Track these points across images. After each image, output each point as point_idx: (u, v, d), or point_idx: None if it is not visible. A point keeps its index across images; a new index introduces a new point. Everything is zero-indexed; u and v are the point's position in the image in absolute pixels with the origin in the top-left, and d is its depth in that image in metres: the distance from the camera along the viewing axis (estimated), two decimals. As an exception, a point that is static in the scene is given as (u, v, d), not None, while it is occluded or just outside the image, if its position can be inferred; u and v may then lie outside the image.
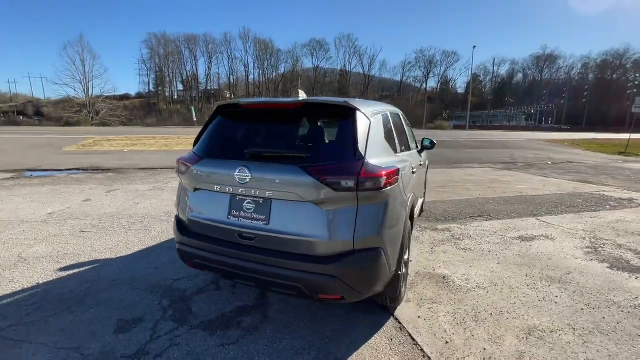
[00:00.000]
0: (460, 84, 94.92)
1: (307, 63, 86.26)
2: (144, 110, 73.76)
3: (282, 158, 2.01)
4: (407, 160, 2.80)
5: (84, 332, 2.19)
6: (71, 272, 3.05)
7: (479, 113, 76.93)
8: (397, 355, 2.07)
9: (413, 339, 2.22)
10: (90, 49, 47.29)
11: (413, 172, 3.04)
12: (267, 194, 1.97)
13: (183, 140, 18.98)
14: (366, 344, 2.17)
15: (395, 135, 2.75)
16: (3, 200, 5.55)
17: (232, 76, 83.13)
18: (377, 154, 2.11)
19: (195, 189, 2.25)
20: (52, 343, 2.08)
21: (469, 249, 3.85)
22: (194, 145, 2.43)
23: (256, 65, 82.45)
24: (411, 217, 2.80)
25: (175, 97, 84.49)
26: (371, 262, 1.93)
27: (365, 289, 1.99)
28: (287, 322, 2.38)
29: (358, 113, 2.10)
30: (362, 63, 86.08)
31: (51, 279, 2.92)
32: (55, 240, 3.78)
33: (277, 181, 1.93)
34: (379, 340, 2.21)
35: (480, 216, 5.20)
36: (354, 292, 1.94)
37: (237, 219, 2.07)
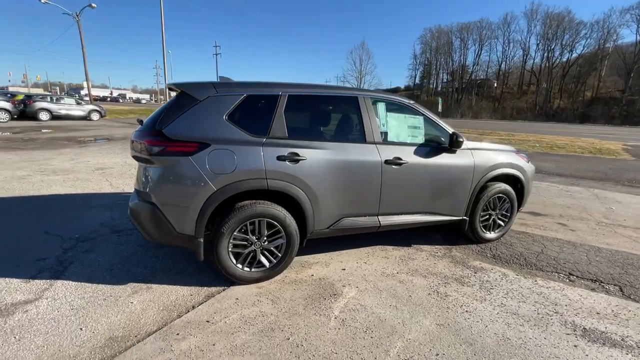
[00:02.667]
0: None
1: (628, 36, 60.47)
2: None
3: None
4: (289, 146, 2.58)
5: (100, 216, 4.07)
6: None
7: None
8: (163, 305, 2.41)
9: (193, 307, 2.39)
10: (367, 51, 58.05)
11: (328, 164, 2.72)
12: None
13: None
14: (169, 286, 2.62)
15: (276, 121, 2.59)
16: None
17: (504, 63, 73.61)
18: (191, 128, 2.40)
19: None
20: (94, 214, 4.09)
21: (449, 296, 2.66)
22: None
23: (539, 46, 68.03)
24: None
25: (439, 88, 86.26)
26: (143, 211, 2.41)
27: (147, 233, 2.46)
28: (166, 252, 3.18)
29: (183, 94, 2.46)
30: None
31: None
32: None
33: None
34: (181, 290, 2.58)
35: (601, 283, 2.99)
36: (143, 232, 2.49)
37: None
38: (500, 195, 3.61)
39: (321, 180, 2.71)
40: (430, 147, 3.19)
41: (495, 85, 74.76)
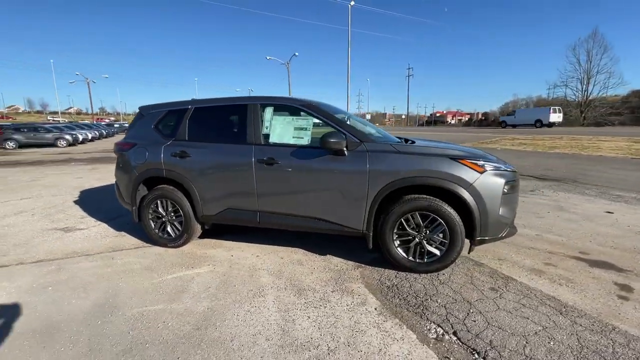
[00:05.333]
0: None
1: None
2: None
3: None
4: (180, 147, 3.42)
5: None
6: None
7: None
8: (113, 245, 3.72)
9: (122, 250, 3.60)
10: (601, 41, 39.88)
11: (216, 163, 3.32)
12: None
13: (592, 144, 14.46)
14: (133, 238, 3.93)
15: (182, 127, 3.45)
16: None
17: None
18: (135, 134, 3.69)
19: None
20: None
21: (265, 295, 2.59)
22: None
23: None
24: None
25: None
26: (115, 186, 3.83)
27: (119, 199, 3.87)
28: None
29: (139, 113, 3.75)
30: None
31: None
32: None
33: None
34: (133, 241, 3.85)
35: (475, 353, 1.93)
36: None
37: None
38: (426, 213, 2.78)
39: (203, 174, 3.32)
40: (311, 149, 3.03)
41: None
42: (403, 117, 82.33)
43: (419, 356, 1.92)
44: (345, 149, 2.89)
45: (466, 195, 2.67)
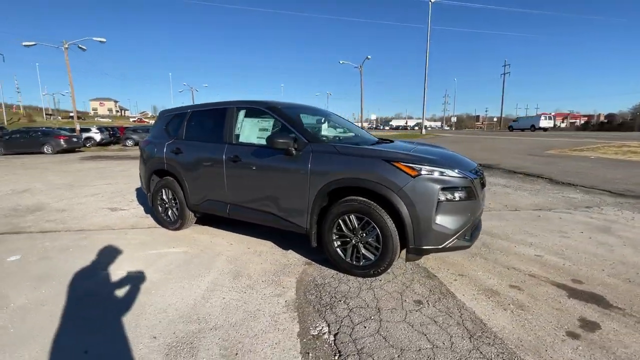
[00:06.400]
0: None
1: None
2: None
3: None
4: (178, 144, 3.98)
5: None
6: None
7: None
8: (134, 223, 4.54)
9: (140, 228, 4.38)
10: None
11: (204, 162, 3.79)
12: None
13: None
14: (151, 220, 4.72)
15: (181, 128, 4.02)
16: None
17: None
18: (153, 134, 4.43)
19: None
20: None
21: (199, 276, 2.94)
22: None
23: None
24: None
25: None
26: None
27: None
28: (186, 209, 5.28)
29: (158, 115, 4.49)
30: None
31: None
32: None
33: None
34: (150, 222, 4.63)
35: (340, 356, 1.92)
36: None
37: None
38: (360, 215, 2.73)
39: (190, 168, 3.84)
40: (268, 148, 3.22)
41: None
42: (495, 119, 73.73)
43: (284, 346, 1.99)
44: (294, 149, 3.03)
45: (395, 199, 2.55)
